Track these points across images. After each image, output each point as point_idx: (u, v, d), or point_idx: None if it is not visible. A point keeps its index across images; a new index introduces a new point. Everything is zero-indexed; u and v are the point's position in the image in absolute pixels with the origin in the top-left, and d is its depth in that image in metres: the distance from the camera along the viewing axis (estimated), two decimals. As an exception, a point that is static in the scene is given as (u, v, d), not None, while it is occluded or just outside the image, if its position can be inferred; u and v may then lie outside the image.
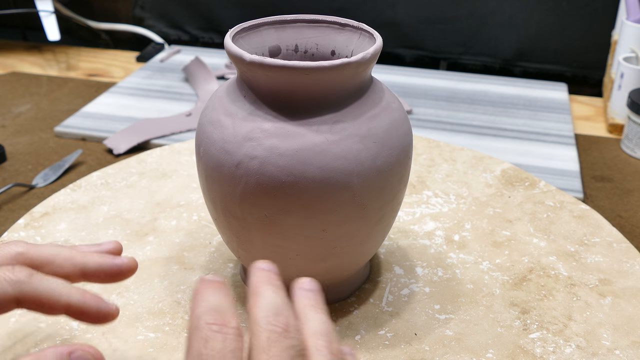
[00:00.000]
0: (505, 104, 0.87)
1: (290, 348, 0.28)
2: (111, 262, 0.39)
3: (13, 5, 1.07)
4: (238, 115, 0.42)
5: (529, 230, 0.58)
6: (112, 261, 0.39)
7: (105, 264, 0.39)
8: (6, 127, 0.81)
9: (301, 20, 0.47)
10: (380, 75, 0.71)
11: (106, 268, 0.39)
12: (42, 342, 0.45)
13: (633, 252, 0.55)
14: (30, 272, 0.36)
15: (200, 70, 0.90)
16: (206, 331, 0.28)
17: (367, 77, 0.44)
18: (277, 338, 0.28)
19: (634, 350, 0.46)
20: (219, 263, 0.54)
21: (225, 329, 0.28)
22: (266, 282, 0.31)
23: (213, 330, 0.28)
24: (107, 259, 0.39)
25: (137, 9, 1.12)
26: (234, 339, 0.28)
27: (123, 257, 0.39)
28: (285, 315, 0.29)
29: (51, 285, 0.36)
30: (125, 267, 0.39)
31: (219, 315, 0.29)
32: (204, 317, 0.29)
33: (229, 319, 0.29)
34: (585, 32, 0.97)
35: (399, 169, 0.44)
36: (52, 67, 1.00)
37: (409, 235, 0.57)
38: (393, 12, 1.02)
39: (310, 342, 0.29)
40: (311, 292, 0.32)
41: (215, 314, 0.29)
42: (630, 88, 0.79)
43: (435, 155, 0.70)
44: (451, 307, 0.49)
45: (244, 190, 0.41)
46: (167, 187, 0.64)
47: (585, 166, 0.74)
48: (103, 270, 0.39)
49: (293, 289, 0.32)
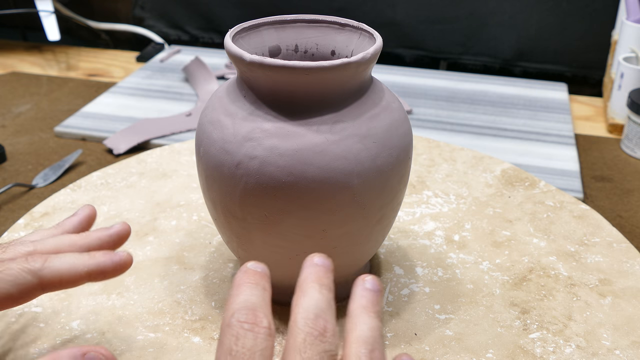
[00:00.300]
0: (505, 104, 0.87)
1: (324, 352, 0.29)
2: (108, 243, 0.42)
3: (13, 5, 1.07)
4: (238, 115, 0.42)
5: (529, 230, 0.58)
6: (111, 257, 0.40)
7: (104, 238, 0.41)
8: (6, 127, 0.81)
9: (301, 20, 0.47)
10: (380, 75, 0.71)
11: (105, 240, 0.41)
12: (42, 342, 0.45)
13: (633, 252, 0.55)
14: (45, 257, 0.38)
15: (200, 70, 0.90)
16: (238, 329, 0.29)
17: (367, 77, 0.44)
18: (313, 341, 0.29)
19: (634, 350, 0.46)
20: (219, 263, 0.54)
21: (257, 328, 0.29)
22: (314, 280, 0.31)
23: (244, 329, 0.29)
24: (106, 243, 0.42)
25: (137, 9, 1.12)
26: (265, 338, 0.29)
27: (120, 252, 0.40)
28: (325, 318, 0.30)
29: (68, 261, 0.38)
30: (122, 262, 0.40)
31: (252, 313, 0.29)
32: (237, 315, 0.29)
33: (261, 318, 0.29)
34: (585, 32, 0.97)
35: (399, 169, 0.44)
36: (52, 67, 1.00)
37: (409, 235, 0.57)
38: (393, 12, 1.02)
39: (352, 348, 0.29)
40: (371, 292, 0.32)
41: (248, 312, 0.29)
42: (630, 88, 0.79)
43: (435, 155, 0.70)
44: (451, 307, 0.49)
45: (244, 190, 0.41)
46: (167, 187, 0.64)
47: (585, 166, 0.74)
48: (104, 244, 0.41)
49: (355, 285, 0.32)
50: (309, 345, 0.28)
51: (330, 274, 0.32)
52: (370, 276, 0.32)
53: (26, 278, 0.36)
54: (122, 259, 0.39)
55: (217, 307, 0.49)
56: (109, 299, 0.49)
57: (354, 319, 0.30)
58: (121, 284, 0.50)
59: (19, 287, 0.36)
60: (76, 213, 0.45)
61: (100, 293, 0.50)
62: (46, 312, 0.47)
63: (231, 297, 0.30)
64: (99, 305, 0.49)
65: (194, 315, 0.48)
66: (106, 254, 0.39)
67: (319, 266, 0.32)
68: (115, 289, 0.50)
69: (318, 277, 0.31)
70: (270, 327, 0.29)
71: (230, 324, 0.29)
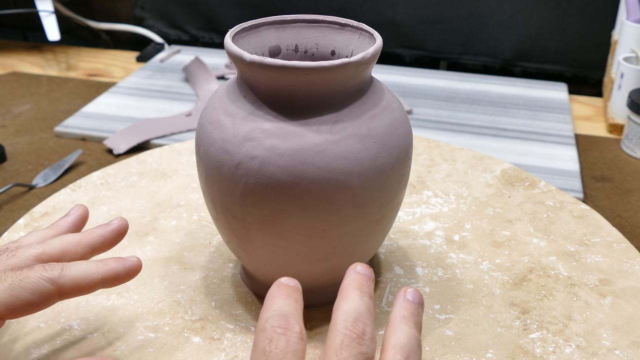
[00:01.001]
0: (505, 104, 0.87)
1: (361, 354, 0.30)
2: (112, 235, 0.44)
3: (13, 5, 1.07)
4: (238, 115, 0.42)
5: (529, 230, 0.58)
6: (123, 263, 0.42)
7: (106, 235, 0.44)
8: (6, 127, 0.81)
9: (301, 20, 0.47)
10: (380, 75, 0.71)
11: (107, 237, 0.44)
12: (42, 342, 0.45)
13: (633, 252, 0.55)
14: (62, 266, 0.39)
15: (200, 70, 0.90)
16: (271, 332, 0.30)
17: (367, 77, 0.44)
18: (350, 343, 0.30)
19: (634, 350, 0.46)
20: (219, 263, 0.54)
21: (289, 333, 0.31)
22: (356, 287, 0.33)
23: (277, 333, 0.30)
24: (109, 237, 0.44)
25: (137, 9, 1.12)
26: (297, 341, 0.30)
27: (130, 258, 0.42)
28: (364, 322, 0.31)
29: (83, 269, 0.39)
30: (134, 267, 0.42)
31: (285, 319, 0.31)
32: (271, 321, 0.31)
33: (293, 324, 0.31)
34: (585, 32, 0.97)
35: (399, 169, 0.44)
36: (52, 67, 1.00)
37: (409, 235, 0.57)
38: (393, 12, 1.02)
39: (388, 354, 0.31)
40: (411, 305, 0.33)
41: (281, 318, 0.31)
42: (630, 88, 0.79)
43: (435, 155, 0.70)
44: (451, 307, 0.49)
45: (244, 190, 0.41)
46: (167, 187, 0.64)
47: (585, 166, 0.74)
48: (106, 241, 0.43)
49: (397, 296, 0.34)
50: (346, 347, 0.30)
51: (372, 283, 0.34)
52: (412, 288, 0.34)
53: (45, 286, 0.38)
54: (133, 264, 0.41)
55: (217, 307, 0.49)
56: (109, 299, 0.49)
57: (393, 328, 0.32)
58: (121, 284, 0.50)
59: (39, 295, 0.38)
60: (69, 213, 0.46)
61: (100, 293, 0.50)
62: (46, 312, 0.47)
63: (265, 307, 0.32)
64: (99, 305, 0.49)
65: (194, 315, 0.48)
66: (118, 260, 0.41)
67: (362, 275, 0.34)
68: (115, 289, 0.50)
69: (360, 285, 0.33)
70: (301, 333, 0.31)
71: (264, 328, 0.31)
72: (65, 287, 0.38)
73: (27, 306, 0.38)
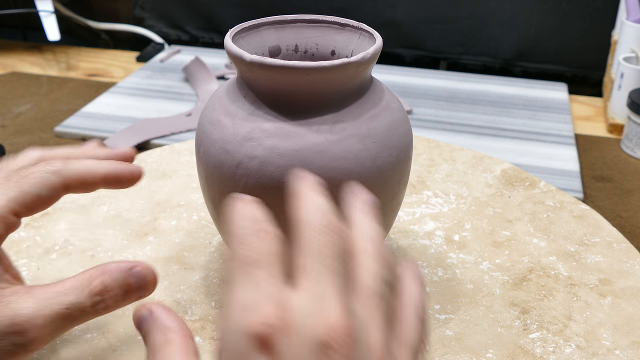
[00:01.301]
0: (505, 104, 0.87)
1: (335, 246, 0.26)
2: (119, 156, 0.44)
3: (13, 5, 1.07)
4: (238, 115, 0.42)
5: (529, 230, 0.58)
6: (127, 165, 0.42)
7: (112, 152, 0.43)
8: (6, 127, 0.81)
9: (301, 20, 0.47)
10: (380, 75, 0.71)
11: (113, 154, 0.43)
12: (42, 342, 0.45)
13: (633, 252, 0.55)
14: (64, 159, 0.40)
15: (200, 70, 0.90)
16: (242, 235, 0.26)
17: (367, 77, 0.44)
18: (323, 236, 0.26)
19: (634, 350, 0.46)
20: (219, 263, 0.54)
21: (262, 233, 0.26)
22: (310, 188, 0.29)
23: (248, 234, 0.26)
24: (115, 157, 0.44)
25: (137, 9, 1.12)
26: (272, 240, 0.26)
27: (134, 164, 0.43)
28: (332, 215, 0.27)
29: (86, 163, 0.40)
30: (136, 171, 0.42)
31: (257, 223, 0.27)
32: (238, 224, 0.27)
33: (265, 226, 0.27)
34: (585, 32, 0.97)
35: (399, 169, 0.44)
36: (52, 67, 1.00)
37: (409, 235, 0.57)
38: (393, 12, 1.02)
39: (359, 245, 0.27)
40: (364, 201, 0.30)
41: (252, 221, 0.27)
42: (630, 88, 0.79)
43: (435, 155, 0.70)
44: (451, 307, 0.49)
45: (244, 190, 0.41)
46: (167, 187, 0.64)
47: (585, 166, 0.74)
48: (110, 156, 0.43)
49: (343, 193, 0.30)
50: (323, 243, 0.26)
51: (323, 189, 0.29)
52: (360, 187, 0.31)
53: (51, 179, 0.38)
54: (136, 167, 0.42)
55: (217, 307, 0.49)
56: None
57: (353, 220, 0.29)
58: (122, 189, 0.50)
59: (47, 188, 0.38)
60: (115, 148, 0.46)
61: (100, 293, 0.50)
62: (46, 312, 0.47)
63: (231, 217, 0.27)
64: (99, 305, 0.49)
65: (194, 315, 0.48)
66: (121, 162, 0.41)
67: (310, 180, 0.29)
68: (115, 289, 0.50)
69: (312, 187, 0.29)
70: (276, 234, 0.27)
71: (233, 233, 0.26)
72: (69, 179, 0.39)
73: (38, 200, 0.38)
